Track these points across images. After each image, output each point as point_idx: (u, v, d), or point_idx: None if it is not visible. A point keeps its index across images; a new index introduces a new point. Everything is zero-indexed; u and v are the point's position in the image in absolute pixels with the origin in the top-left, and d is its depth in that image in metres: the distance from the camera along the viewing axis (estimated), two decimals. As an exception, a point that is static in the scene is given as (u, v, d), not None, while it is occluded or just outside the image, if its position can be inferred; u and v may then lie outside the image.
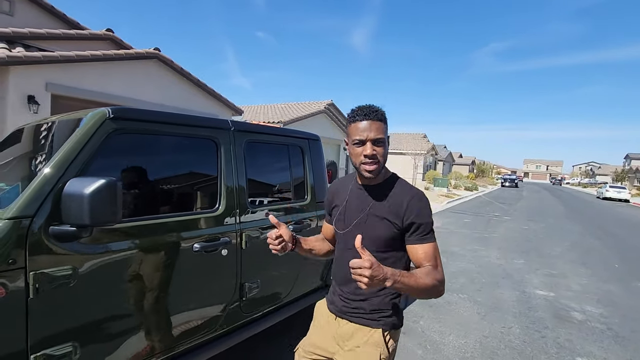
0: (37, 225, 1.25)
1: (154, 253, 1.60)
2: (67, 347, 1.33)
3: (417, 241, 1.19)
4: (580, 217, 13.01)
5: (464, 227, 9.08)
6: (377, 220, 1.21)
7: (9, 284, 1.17)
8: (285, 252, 1.35)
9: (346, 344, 1.26)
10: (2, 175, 1.86)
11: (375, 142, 1.18)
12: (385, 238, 1.21)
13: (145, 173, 1.71)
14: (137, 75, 8.17)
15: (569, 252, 6.82)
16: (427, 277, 1.12)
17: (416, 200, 1.20)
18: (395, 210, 1.20)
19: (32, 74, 6.36)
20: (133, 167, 1.67)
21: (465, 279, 4.73)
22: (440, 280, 1.16)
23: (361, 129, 1.18)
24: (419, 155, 24.85)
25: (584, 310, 3.84)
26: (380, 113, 1.20)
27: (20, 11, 7.80)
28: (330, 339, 1.31)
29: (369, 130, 1.17)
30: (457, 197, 18.63)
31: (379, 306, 1.25)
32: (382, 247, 1.22)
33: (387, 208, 1.21)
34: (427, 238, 1.19)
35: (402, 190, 1.24)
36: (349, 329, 1.27)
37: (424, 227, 1.19)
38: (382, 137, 1.19)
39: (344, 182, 1.41)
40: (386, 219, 1.20)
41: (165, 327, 1.67)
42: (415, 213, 1.18)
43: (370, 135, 1.17)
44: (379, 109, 1.20)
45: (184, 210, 1.83)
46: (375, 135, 1.17)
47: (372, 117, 1.18)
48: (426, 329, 3.19)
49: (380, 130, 1.18)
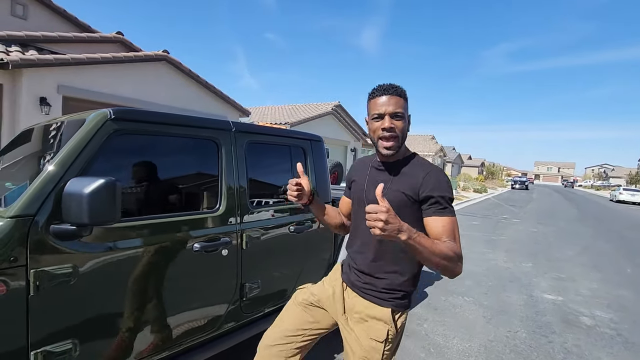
0: (38, 224, 1.27)
1: (154, 252, 1.62)
2: (67, 344, 1.35)
3: (435, 213, 1.16)
4: (592, 221, 12.75)
5: (472, 230, 8.98)
6: (393, 192, 1.22)
7: (10, 282, 1.20)
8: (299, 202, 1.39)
9: (354, 315, 1.30)
10: (10, 175, 1.90)
11: (394, 116, 1.19)
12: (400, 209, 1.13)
13: (146, 173, 1.73)
14: (147, 77, 8.29)
15: (579, 255, 6.69)
16: (444, 245, 1.09)
17: (434, 174, 1.20)
18: (411, 184, 1.20)
19: (44, 77, 6.51)
20: (134, 167, 1.69)
21: (471, 282, 4.67)
22: (458, 253, 1.11)
23: (380, 103, 1.20)
24: (427, 156, 24.67)
25: (593, 315, 3.76)
26: (400, 89, 1.21)
27: (33, 15, 7.99)
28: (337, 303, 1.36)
29: (387, 105, 1.19)
30: (465, 199, 18.43)
31: (390, 285, 1.26)
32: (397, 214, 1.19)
33: (404, 183, 1.22)
34: (447, 211, 1.16)
35: (420, 166, 1.24)
36: (359, 303, 1.30)
37: (443, 200, 1.17)
38: (400, 111, 1.19)
39: (365, 160, 1.44)
40: (402, 192, 1.21)
41: (165, 326, 1.68)
42: (431, 186, 1.17)
43: (389, 109, 1.18)
44: (398, 86, 1.22)
45: (185, 210, 1.85)
46: (394, 109, 1.18)
47: (391, 92, 1.19)
48: (430, 332, 3.15)
49: (399, 104, 1.19)
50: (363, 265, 1.31)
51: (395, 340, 1.28)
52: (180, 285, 1.73)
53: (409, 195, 1.19)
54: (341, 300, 1.37)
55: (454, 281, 4.64)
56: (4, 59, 5.85)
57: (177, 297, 1.72)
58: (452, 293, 4.20)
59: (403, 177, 1.23)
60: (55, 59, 6.49)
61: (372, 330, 1.25)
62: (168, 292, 1.68)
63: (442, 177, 1.21)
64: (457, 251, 1.11)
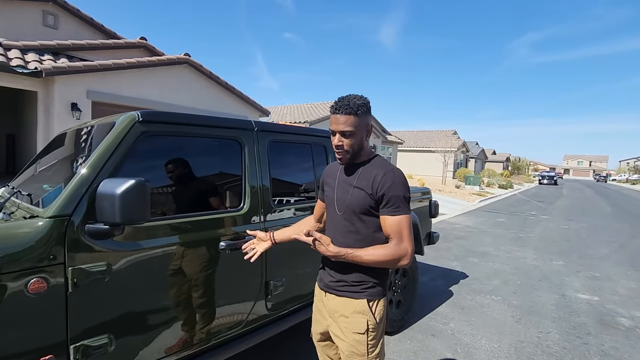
0: (74, 223, 1.33)
1: (181, 251, 1.66)
2: (103, 339, 1.40)
3: (387, 212, 1.29)
4: (628, 217, 12.07)
5: (498, 227, 8.70)
6: (358, 191, 1.34)
7: (50, 279, 1.26)
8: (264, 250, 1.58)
9: (335, 316, 1.38)
10: (47, 177, 2.00)
11: (343, 134, 1.29)
12: (363, 205, 1.32)
13: (172, 173, 1.77)
14: (170, 80, 8.52)
15: (615, 253, 6.35)
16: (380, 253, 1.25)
17: (389, 175, 1.30)
18: (370, 183, 1.31)
19: (74, 83, 6.81)
20: (161, 167, 1.74)
21: (498, 281, 4.53)
22: (396, 255, 1.25)
23: (332, 121, 1.31)
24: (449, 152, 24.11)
25: (632, 316, 3.56)
26: (351, 107, 1.27)
27: (63, 24, 8.37)
28: (325, 315, 1.45)
29: (337, 123, 1.29)
30: (490, 195, 17.89)
31: (360, 277, 1.34)
32: (360, 215, 1.33)
33: (365, 181, 1.33)
34: (398, 211, 1.28)
35: (379, 167, 1.34)
36: (337, 302, 1.38)
37: (394, 200, 1.27)
38: (349, 130, 1.28)
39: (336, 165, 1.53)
40: (364, 190, 1.32)
41: (193, 322, 1.72)
42: (386, 186, 1.28)
43: (339, 128, 1.29)
44: (351, 103, 1.28)
45: (210, 209, 1.88)
46: (343, 128, 1.28)
47: (341, 111, 1.27)
48: (456, 332, 3.08)
49: (348, 123, 1.28)
50: (333, 264, 1.38)
51: (378, 329, 1.35)
52: (207, 282, 1.77)
53: (369, 194, 1.31)
54: (324, 309, 1.45)
55: (480, 280, 4.52)
56: (37, 68, 6.16)
57: (204, 294, 1.76)
58: (479, 292, 4.09)
59: (365, 177, 1.34)
60: (84, 66, 6.78)
61: (352, 324, 1.33)
62: (195, 289, 1.72)
63: (398, 178, 1.30)
64: (397, 252, 1.26)
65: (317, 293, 1.52)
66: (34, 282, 1.22)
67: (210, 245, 1.77)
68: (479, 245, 6.54)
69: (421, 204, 3.74)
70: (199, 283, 1.73)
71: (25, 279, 1.20)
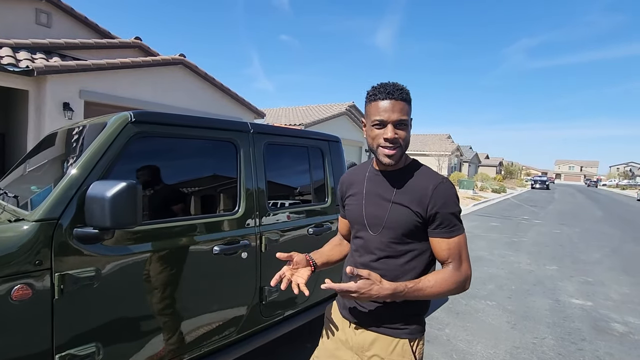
0: (62, 227, 1.28)
1: (174, 255, 1.61)
2: (90, 348, 1.35)
3: (442, 234, 1.07)
4: (619, 221, 12.21)
5: (492, 231, 8.74)
6: (399, 208, 1.09)
7: (35, 285, 1.21)
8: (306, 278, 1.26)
9: (366, 354, 1.13)
10: (34, 178, 1.94)
11: (398, 125, 1.05)
12: (407, 228, 1.08)
13: (166, 175, 1.73)
14: (164, 81, 8.45)
15: (607, 258, 6.40)
16: (444, 281, 1.04)
17: (442, 188, 1.07)
18: (418, 198, 1.07)
19: (67, 82, 6.71)
20: (154, 169, 1.69)
21: (493, 286, 4.52)
22: (460, 280, 1.06)
23: (382, 108, 1.05)
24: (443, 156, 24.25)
25: (625, 322, 3.57)
26: (405, 92, 1.07)
27: (56, 23, 8.26)
28: (346, 348, 1.19)
29: (391, 111, 1.04)
30: (483, 199, 18.01)
31: (402, 311, 1.10)
32: (403, 237, 1.09)
33: (409, 196, 1.08)
34: (454, 230, 1.07)
35: (426, 177, 1.11)
36: (368, 338, 1.13)
37: (452, 218, 1.06)
38: (405, 119, 1.06)
39: (359, 170, 1.27)
40: (408, 207, 1.08)
41: (186, 329, 1.67)
42: (441, 202, 1.05)
43: (393, 117, 1.04)
44: (403, 87, 1.07)
45: (204, 213, 1.84)
46: (399, 117, 1.04)
47: (396, 96, 1.04)
48: (452, 338, 3.06)
49: (404, 111, 1.05)
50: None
51: None
52: (201, 288, 1.72)
53: (417, 212, 1.07)
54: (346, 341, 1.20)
55: (475, 284, 4.51)
56: (29, 66, 6.06)
57: (197, 300, 1.71)
58: (473, 297, 4.08)
59: (408, 189, 1.10)
60: (77, 65, 6.68)
61: None
62: (189, 295, 1.67)
63: (451, 191, 1.09)
64: (460, 278, 1.06)
65: (337, 320, 1.24)
66: (18, 288, 1.16)
67: (204, 249, 1.72)
68: (473, 249, 6.55)
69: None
70: (191, 289, 1.68)
71: (9, 285, 1.15)
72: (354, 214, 1.20)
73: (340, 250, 1.38)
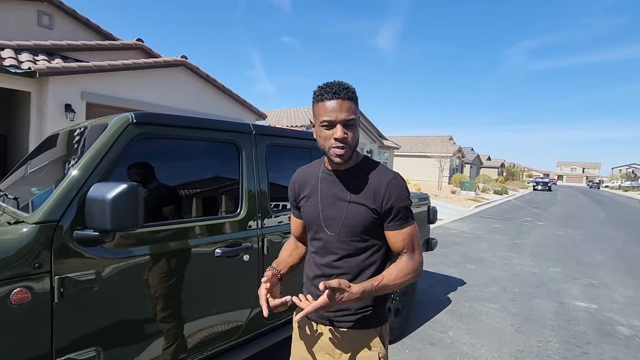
0: (62, 229, 1.26)
1: (176, 258, 1.59)
2: (90, 352, 1.33)
3: (396, 227, 1.12)
4: (622, 223, 12.14)
5: (494, 233, 8.70)
6: (356, 207, 1.12)
7: (35, 288, 1.19)
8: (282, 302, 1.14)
9: (336, 351, 1.14)
10: (35, 180, 1.93)
11: (346, 124, 1.06)
12: (365, 225, 1.11)
13: (167, 177, 1.71)
14: (166, 82, 8.45)
15: (611, 260, 6.35)
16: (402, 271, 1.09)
17: (395, 183, 1.11)
18: (372, 195, 1.10)
19: (69, 84, 6.71)
20: (156, 170, 1.67)
21: (497, 288, 4.49)
22: (416, 269, 1.12)
23: (330, 109, 1.05)
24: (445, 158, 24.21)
25: (631, 325, 3.53)
26: (350, 91, 1.07)
27: (58, 25, 8.28)
28: (317, 350, 1.18)
29: (338, 111, 1.04)
30: (485, 201, 17.94)
31: (365, 303, 1.13)
32: (361, 235, 1.12)
33: (364, 193, 1.11)
34: (407, 222, 1.13)
35: (379, 174, 1.13)
36: (337, 335, 1.14)
37: (404, 211, 1.12)
38: (353, 118, 1.07)
39: (310, 170, 1.27)
40: (364, 205, 1.11)
41: (187, 332, 1.65)
42: (395, 196, 1.10)
43: (341, 117, 1.04)
44: (349, 86, 1.08)
45: (206, 215, 1.82)
46: (346, 117, 1.05)
47: (343, 96, 1.04)
48: (455, 341, 3.03)
49: (351, 110, 1.06)
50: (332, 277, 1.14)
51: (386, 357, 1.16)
52: (202, 291, 1.70)
53: (373, 209, 1.10)
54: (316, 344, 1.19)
55: (478, 287, 4.47)
56: (31, 68, 6.07)
57: (199, 303, 1.69)
58: (477, 299, 4.05)
59: (362, 187, 1.12)
60: (79, 67, 6.69)
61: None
62: (190, 298, 1.65)
63: (403, 185, 1.14)
64: (415, 265, 1.12)
65: (302, 324, 1.24)
66: (17, 292, 1.14)
67: (205, 252, 1.70)
68: (476, 251, 6.51)
69: (420, 210, 3.70)
70: (193, 292, 1.66)
71: (8, 289, 1.13)
72: (310, 216, 1.20)
73: (298, 253, 1.37)
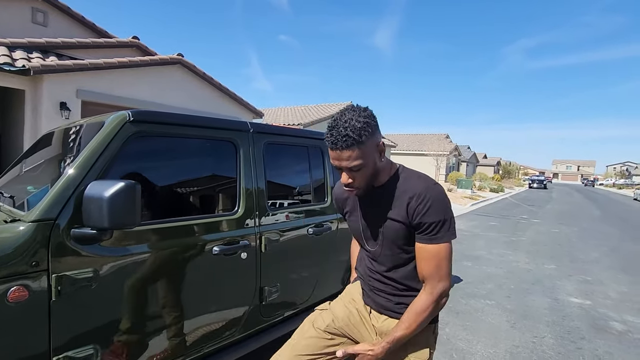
0: (59, 228, 1.26)
1: (173, 256, 1.60)
2: (88, 350, 1.33)
3: (423, 240, 1.11)
4: (616, 221, 12.26)
5: (490, 230, 8.75)
6: (391, 223, 1.17)
7: (32, 286, 1.19)
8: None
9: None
10: (30, 178, 1.92)
11: (350, 170, 1.10)
12: (403, 239, 1.16)
13: (165, 175, 1.71)
14: (162, 80, 8.41)
15: (605, 257, 6.42)
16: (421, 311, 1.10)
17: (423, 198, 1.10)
18: (404, 209, 1.13)
19: (63, 82, 6.66)
20: (153, 169, 1.67)
21: (492, 285, 4.52)
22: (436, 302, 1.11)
23: (333, 156, 1.10)
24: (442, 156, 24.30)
25: (624, 321, 3.58)
26: (350, 138, 1.03)
27: (53, 22, 8.21)
28: (367, 329, 1.28)
29: (339, 160, 1.08)
30: (481, 199, 18.04)
31: None
32: (403, 247, 1.17)
33: (397, 209, 1.14)
34: (437, 238, 1.09)
35: (411, 186, 1.14)
36: (392, 325, 1.20)
37: (434, 226, 1.09)
38: (356, 164, 1.07)
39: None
40: (398, 220, 1.14)
41: (186, 330, 1.65)
42: (424, 210, 1.09)
43: (343, 164, 1.09)
44: (349, 131, 1.03)
45: (203, 213, 1.82)
46: (348, 165, 1.08)
47: (340, 146, 1.05)
48: (452, 337, 3.05)
49: (353, 157, 1.06)
50: (385, 284, 1.24)
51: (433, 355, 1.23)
52: (200, 289, 1.70)
53: (405, 223, 1.13)
54: (370, 325, 1.29)
55: (474, 284, 4.51)
56: (25, 66, 6.01)
57: (197, 301, 1.69)
58: (473, 296, 4.08)
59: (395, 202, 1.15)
60: (74, 64, 6.64)
61: (414, 355, 1.19)
62: (188, 296, 1.65)
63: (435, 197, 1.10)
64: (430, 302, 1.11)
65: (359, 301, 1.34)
66: (14, 290, 1.14)
67: (203, 250, 1.71)
68: (472, 248, 6.56)
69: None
70: (191, 290, 1.66)
71: (5, 287, 1.13)
72: (355, 231, 1.31)
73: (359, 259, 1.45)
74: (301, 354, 1.25)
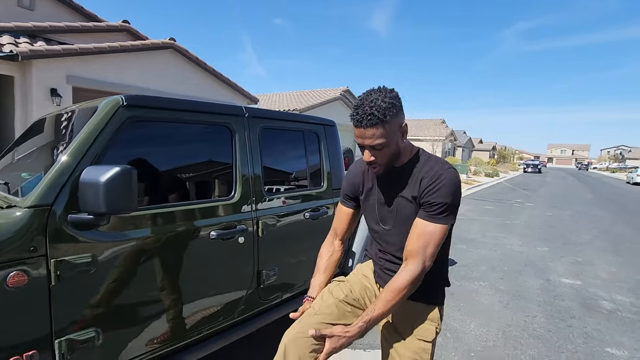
0: (56, 213, 1.26)
1: (171, 241, 1.61)
2: (90, 332, 1.35)
3: (424, 216, 1.13)
4: (609, 204, 12.45)
5: (485, 214, 8.86)
6: (404, 202, 1.20)
7: (31, 272, 1.19)
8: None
9: (398, 316, 1.26)
10: (25, 165, 1.90)
11: (373, 148, 1.13)
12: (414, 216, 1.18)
13: (160, 160, 1.70)
14: (154, 65, 8.25)
15: (597, 239, 6.55)
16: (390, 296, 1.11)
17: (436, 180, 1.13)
18: (417, 187, 1.17)
19: (53, 68, 6.52)
20: (148, 154, 1.66)
21: (486, 267, 4.61)
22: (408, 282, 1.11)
23: (357, 134, 1.12)
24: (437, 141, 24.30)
25: (613, 300, 3.68)
26: (375, 117, 1.06)
27: (40, 5, 7.95)
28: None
29: (363, 137, 1.11)
30: (477, 183, 18.18)
31: (431, 283, 1.21)
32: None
33: (410, 188, 1.18)
34: (437, 218, 1.12)
35: (427, 167, 1.18)
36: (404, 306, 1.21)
37: (437, 207, 1.11)
38: (380, 142, 1.10)
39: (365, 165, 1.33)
40: (409, 199, 1.18)
41: (184, 313, 1.68)
42: (434, 189, 1.12)
43: (366, 142, 1.12)
44: (375, 109, 1.06)
45: (200, 198, 1.83)
46: (372, 143, 1.11)
47: (365, 124, 1.08)
48: (446, 317, 3.13)
49: (376, 135, 1.09)
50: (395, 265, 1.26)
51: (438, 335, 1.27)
52: (198, 273, 1.72)
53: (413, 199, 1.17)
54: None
55: (469, 266, 4.59)
56: (13, 51, 5.86)
57: (195, 285, 1.71)
58: (467, 278, 4.16)
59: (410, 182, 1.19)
60: (63, 50, 6.48)
61: (420, 331, 1.22)
62: (186, 280, 1.67)
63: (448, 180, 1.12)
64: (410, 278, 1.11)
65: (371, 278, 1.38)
66: (14, 275, 1.15)
67: (201, 235, 1.72)
68: (467, 232, 6.65)
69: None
70: (189, 274, 1.68)
71: (4, 272, 1.13)
72: (369, 209, 1.32)
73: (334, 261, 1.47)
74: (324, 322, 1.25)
